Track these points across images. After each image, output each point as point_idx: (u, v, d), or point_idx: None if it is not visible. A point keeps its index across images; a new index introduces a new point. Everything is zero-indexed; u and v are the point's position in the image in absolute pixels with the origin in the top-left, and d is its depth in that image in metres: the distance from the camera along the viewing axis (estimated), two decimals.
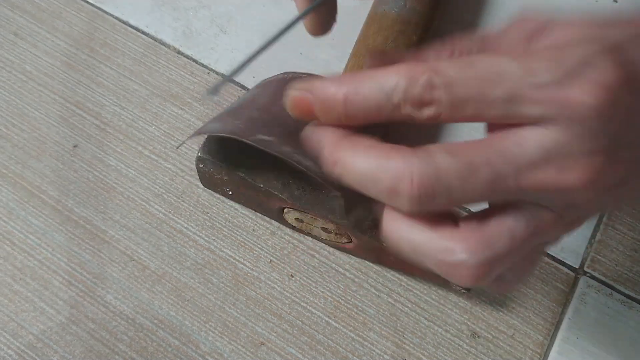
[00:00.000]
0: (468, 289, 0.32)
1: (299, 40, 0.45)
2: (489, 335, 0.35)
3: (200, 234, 0.37)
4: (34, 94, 0.41)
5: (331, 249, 0.37)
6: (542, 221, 0.17)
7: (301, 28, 0.25)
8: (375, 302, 0.35)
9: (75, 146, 0.39)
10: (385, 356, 0.34)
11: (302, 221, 0.35)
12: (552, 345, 0.34)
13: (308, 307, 0.35)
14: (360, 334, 0.34)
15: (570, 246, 0.38)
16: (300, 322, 0.34)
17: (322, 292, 0.35)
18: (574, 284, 0.37)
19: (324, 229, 0.35)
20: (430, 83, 0.16)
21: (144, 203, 0.37)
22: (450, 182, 0.16)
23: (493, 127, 0.17)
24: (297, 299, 0.35)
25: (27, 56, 0.43)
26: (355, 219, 0.32)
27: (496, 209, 0.17)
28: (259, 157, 0.32)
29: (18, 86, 0.42)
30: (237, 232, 0.37)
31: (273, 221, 0.37)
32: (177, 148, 0.34)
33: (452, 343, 0.34)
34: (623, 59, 0.15)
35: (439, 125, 0.42)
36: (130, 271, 0.35)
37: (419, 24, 0.39)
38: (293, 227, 0.36)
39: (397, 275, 0.36)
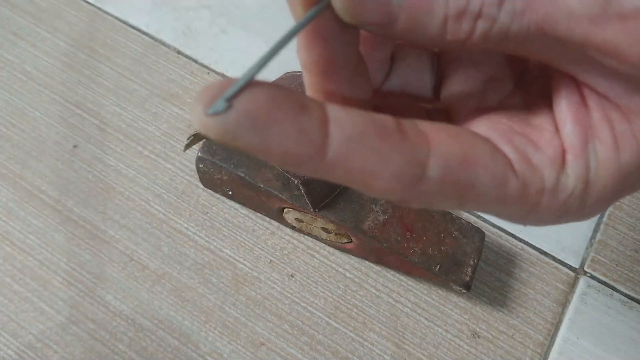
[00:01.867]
0: (468, 289, 0.32)
1: None
2: (489, 336, 0.35)
3: (200, 234, 0.37)
4: (34, 94, 0.41)
5: (331, 249, 0.37)
6: None
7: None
8: (375, 302, 0.35)
9: (75, 146, 0.39)
10: (385, 356, 0.34)
11: (302, 221, 0.35)
12: (553, 345, 0.34)
13: (308, 307, 0.35)
14: (361, 334, 0.34)
15: (571, 246, 0.38)
16: (300, 322, 0.34)
17: (322, 292, 0.35)
18: (574, 284, 0.37)
19: (324, 229, 0.35)
20: None
21: (144, 203, 0.37)
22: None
23: None
24: (297, 299, 0.35)
25: (27, 56, 0.43)
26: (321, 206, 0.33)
27: None
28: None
29: (18, 86, 0.42)
30: (237, 232, 0.37)
31: (273, 221, 0.37)
32: (185, 150, 0.34)
33: (452, 343, 0.34)
34: None
35: None
36: (130, 271, 0.35)
37: None
38: (293, 227, 0.36)
39: (398, 275, 0.36)
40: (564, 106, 0.13)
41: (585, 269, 0.37)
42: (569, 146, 0.13)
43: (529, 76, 0.15)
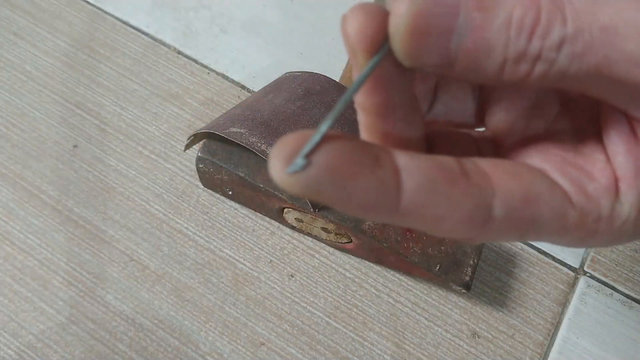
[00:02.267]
0: (468, 289, 0.32)
1: (299, 40, 0.45)
2: (489, 335, 0.35)
3: (200, 234, 0.37)
4: (34, 94, 0.41)
5: (331, 249, 0.37)
6: None
7: (303, 27, 0.24)
8: (375, 302, 0.35)
9: (75, 146, 0.39)
10: (385, 356, 0.34)
11: (302, 221, 0.35)
12: (552, 345, 0.34)
13: (308, 307, 0.35)
14: (360, 334, 0.34)
15: None
16: (300, 322, 0.34)
17: (322, 292, 0.35)
18: (574, 284, 0.37)
19: (324, 229, 0.35)
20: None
21: (144, 203, 0.37)
22: None
23: None
24: (297, 299, 0.35)
25: (27, 56, 0.43)
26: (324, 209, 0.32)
27: None
28: (259, 156, 0.32)
29: (18, 86, 0.42)
30: (237, 232, 0.37)
31: (273, 221, 0.37)
32: (185, 150, 0.34)
33: (452, 343, 0.34)
34: None
35: None
36: (130, 271, 0.35)
37: None
38: (293, 227, 0.36)
39: (398, 275, 0.36)
40: (615, 137, 0.13)
41: (585, 269, 0.37)
42: (622, 176, 0.13)
43: (575, 100, 0.15)
